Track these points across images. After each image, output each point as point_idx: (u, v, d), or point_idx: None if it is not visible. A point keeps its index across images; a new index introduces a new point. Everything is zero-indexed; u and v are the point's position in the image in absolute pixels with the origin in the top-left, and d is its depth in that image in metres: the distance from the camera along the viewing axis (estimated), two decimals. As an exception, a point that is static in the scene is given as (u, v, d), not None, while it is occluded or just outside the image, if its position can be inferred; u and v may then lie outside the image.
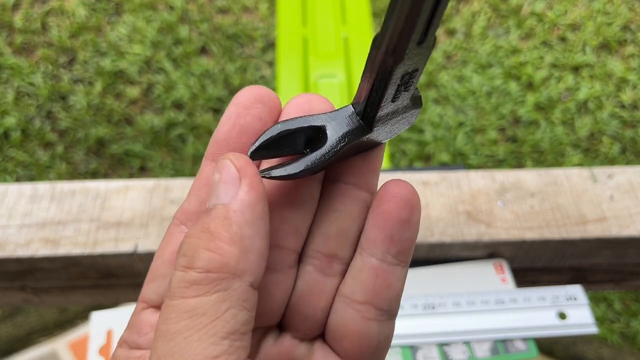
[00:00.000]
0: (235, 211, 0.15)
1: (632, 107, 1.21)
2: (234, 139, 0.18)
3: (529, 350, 0.37)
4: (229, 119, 0.18)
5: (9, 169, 1.11)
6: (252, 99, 0.18)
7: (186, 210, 0.18)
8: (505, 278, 0.41)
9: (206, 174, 0.18)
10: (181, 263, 0.15)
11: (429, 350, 0.37)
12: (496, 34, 1.32)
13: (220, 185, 0.16)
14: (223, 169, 0.16)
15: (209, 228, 0.15)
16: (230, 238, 0.15)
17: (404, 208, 0.18)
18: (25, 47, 1.28)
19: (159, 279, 0.18)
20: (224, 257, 0.15)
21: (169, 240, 0.18)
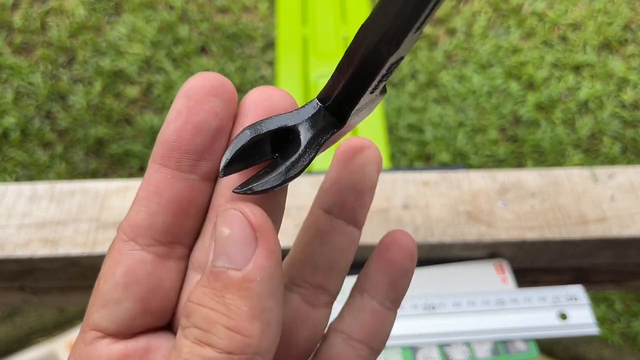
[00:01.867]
0: (254, 281, 0.14)
1: (633, 107, 1.21)
2: (187, 140, 0.15)
3: (529, 351, 0.37)
4: (179, 115, 0.15)
5: (8, 169, 1.11)
6: (204, 90, 0.16)
7: (135, 224, 0.16)
8: (505, 278, 0.40)
9: (155, 180, 0.16)
10: (194, 335, 0.14)
11: (429, 350, 0.37)
12: (497, 33, 1.32)
13: (231, 244, 0.14)
14: (234, 224, 0.14)
15: (225, 299, 0.13)
16: (250, 314, 0.13)
17: (409, 259, 0.19)
18: (24, 46, 1.28)
19: (112, 305, 0.16)
20: (246, 337, 0.13)
21: (118, 260, 0.16)
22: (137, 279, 0.16)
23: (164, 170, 0.16)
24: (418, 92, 1.22)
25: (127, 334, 0.16)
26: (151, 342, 0.16)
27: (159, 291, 0.16)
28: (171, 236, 0.16)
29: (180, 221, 0.16)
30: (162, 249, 0.16)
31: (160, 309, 0.16)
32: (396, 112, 1.18)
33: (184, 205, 0.16)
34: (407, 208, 0.40)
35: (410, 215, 0.39)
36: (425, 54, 1.28)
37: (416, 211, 0.39)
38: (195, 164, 0.16)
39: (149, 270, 0.16)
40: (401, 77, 1.24)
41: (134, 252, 0.16)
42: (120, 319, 0.16)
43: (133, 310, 0.16)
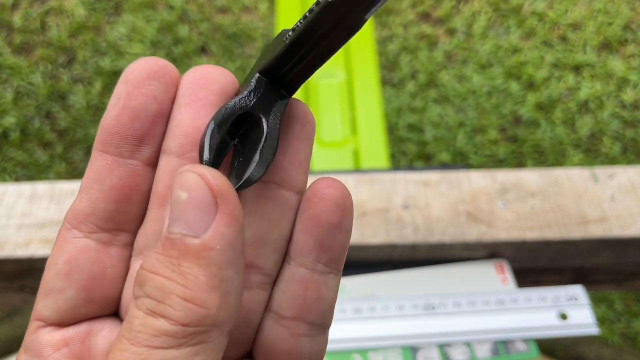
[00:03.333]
0: (214, 249, 0.13)
1: (633, 107, 1.21)
2: (125, 125, 0.15)
3: (529, 351, 0.37)
4: (118, 100, 0.15)
5: (8, 169, 1.11)
6: (143, 74, 0.15)
7: (77, 211, 0.16)
8: (506, 278, 0.40)
9: (97, 167, 0.16)
10: (146, 305, 0.13)
11: (429, 350, 0.37)
12: (497, 33, 1.32)
13: (188, 210, 0.13)
14: (192, 188, 0.13)
15: (181, 268, 0.13)
16: (208, 283, 0.13)
17: (335, 211, 0.15)
18: (24, 46, 1.28)
19: (54, 294, 0.16)
20: (203, 309, 0.13)
21: (60, 248, 0.16)
22: (80, 267, 0.16)
23: (105, 157, 0.16)
24: (418, 92, 1.22)
25: (70, 323, 0.16)
26: (93, 326, 0.16)
27: (102, 279, 0.16)
28: (114, 223, 0.16)
29: (123, 208, 0.16)
30: (105, 236, 0.16)
31: (104, 297, 0.16)
32: (396, 112, 1.18)
33: (127, 192, 0.16)
34: (407, 208, 0.40)
35: (410, 215, 0.39)
36: (425, 54, 1.28)
37: (416, 211, 0.39)
38: (135, 149, 0.16)
39: (92, 257, 0.16)
40: (401, 77, 1.24)
41: (77, 239, 0.16)
42: (63, 308, 0.16)
43: (76, 299, 0.16)
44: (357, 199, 0.40)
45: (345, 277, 0.40)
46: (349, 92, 0.65)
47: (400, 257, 0.40)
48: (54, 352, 0.15)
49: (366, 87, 0.65)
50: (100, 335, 0.16)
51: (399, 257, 0.40)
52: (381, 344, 0.37)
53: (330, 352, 0.37)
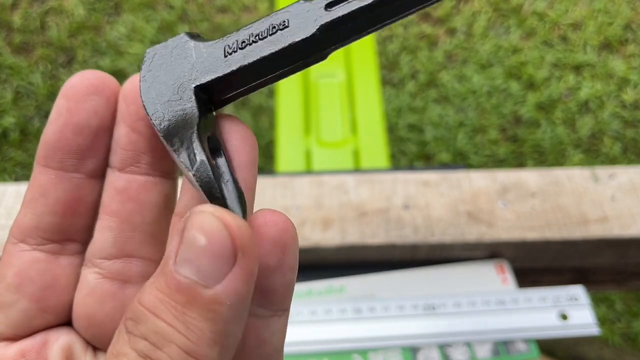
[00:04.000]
0: (224, 305, 0.12)
1: (634, 107, 1.21)
2: (68, 140, 0.15)
3: (530, 351, 0.37)
4: (59, 115, 0.15)
5: (7, 169, 1.11)
6: (84, 89, 0.15)
7: (22, 225, 0.16)
8: (506, 278, 0.40)
9: (40, 182, 0.16)
10: (141, 347, 0.12)
11: (429, 351, 0.37)
12: (497, 33, 1.32)
13: (205, 256, 0.12)
14: (213, 235, 0.12)
15: (186, 317, 0.12)
16: (212, 338, 0.12)
17: (273, 251, 0.14)
18: (24, 46, 1.28)
19: (6, 308, 0.15)
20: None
21: (8, 262, 0.16)
22: (30, 278, 0.16)
23: (48, 171, 0.16)
24: (418, 92, 1.22)
25: (24, 335, 0.16)
26: (48, 336, 0.16)
27: (55, 288, 0.16)
28: (61, 234, 0.16)
29: (69, 220, 0.16)
30: (54, 246, 0.16)
31: (58, 306, 0.16)
32: (396, 112, 1.18)
33: (72, 204, 0.16)
34: (407, 208, 0.40)
35: (410, 216, 0.39)
36: (426, 54, 1.27)
37: (416, 211, 0.39)
38: (79, 163, 0.16)
39: (42, 268, 0.16)
40: (401, 77, 1.24)
41: (24, 252, 0.16)
42: (16, 321, 0.16)
43: (29, 310, 0.16)
44: (357, 199, 0.40)
45: (345, 277, 0.40)
46: (349, 92, 0.64)
47: (400, 257, 0.40)
48: None
49: (366, 87, 0.65)
50: (55, 345, 0.16)
51: (399, 257, 0.40)
52: (381, 344, 0.37)
53: (330, 352, 0.37)
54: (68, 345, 0.16)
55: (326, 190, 0.40)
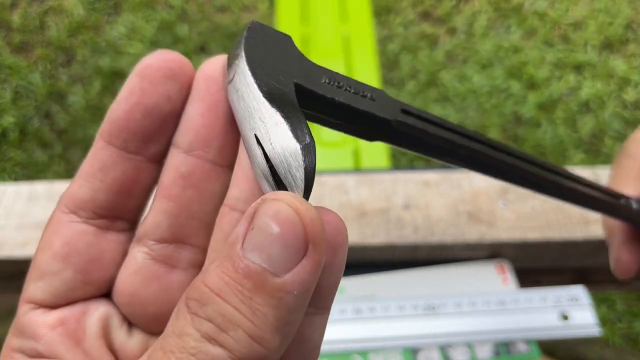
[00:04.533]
0: (291, 293, 0.12)
1: (634, 107, 1.21)
2: (136, 122, 0.15)
3: (530, 352, 0.37)
4: (131, 95, 0.15)
5: (7, 169, 1.11)
6: (160, 72, 0.15)
7: (77, 197, 0.16)
8: (506, 279, 0.40)
9: (101, 157, 0.16)
10: (206, 329, 0.12)
11: (430, 351, 0.37)
12: (497, 32, 1.32)
13: (276, 245, 0.12)
14: (287, 224, 0.12)
15: (252, 302, 0.12)
16: (276, 325, 0.12)
17: (329, 251, 0.14)
18: (23, 46, 1.28)
19: (50, 277, 0.16)
20: (264, 349, 0.12)
21: (57, 230, 0.16)
22: (78, 250, 0.16)
23: (110, 148, 0.16)
24: (418, 92, 1.22)
25: (64, 304, 0.16)
26: (88, 306, 0.16)
27: (100, 262, 0.16)
28: (113, 212, 0.16)
29: (123, 199, 0.16)
30: (103, 222, 0.16)
31: (100, 279, 0.16)
32: (396, 112, 1.18)
33: (128, 185, 0.16)
34: (408, 208, 0.39)
35: (410, 216, 0.39)
36: (426, 54, 1.27)
37: (416, 211, 0.39)
38: (142, 146, 0.16)
39: (90, 241, 0.16)
40: (401, 76, 1.24)
41: (74, 224, 0.16)
42: (58, 290, 0.16)
43: (73, 281, 0.16)
44: (357, 199, 0.40)
45: (345, 277, 0.40)
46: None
47: (400, 257, 0.40)
48: (50, 331, 0.15)
49: (366, 86, 0.65)
50: (95, 315, 0.16)
51: (399, 257, 0.40)
52: (381, 345, 0.37)
53: (331, 353, 0.36)
54: (106, 317, 0.16)
55: (326, 190, 0.40)
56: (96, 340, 0.16)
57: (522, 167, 0.19)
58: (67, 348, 0.15)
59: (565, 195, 0.21)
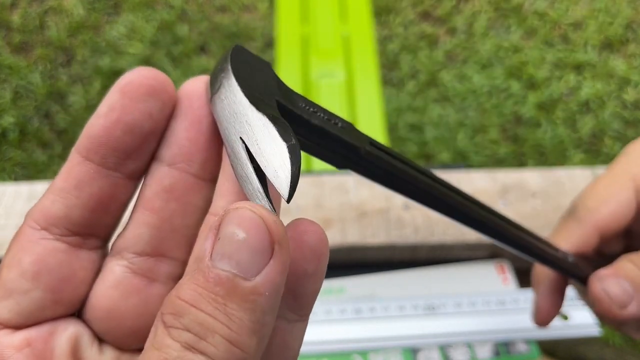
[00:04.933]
0: (262, 295, 0.12)
1: (634, 107, 1.21)
2: (117, 138, 0.15)
3: (530, 352, 0.37)
4: (111, 111, 0.15)
5: (7, 169, 1.11)
6: (141, 88, 0.15)
7: (49, 213, 0.15)
8: (506, 279, 0.40)
9: (77, 174, 0.15)
10: (185, 338, 0.12)
11: (430, 351, 0.37)
12: (497, 32, 1.32)
13: (244, 250, 0.12)
14: (252, 229, 0.13)
15: (227, 308, 0.12)
16: (251, 328, 0.12)
17: (312, 259, 0.15)
18: (23, 46, 1.28)
19: (18, 296, 0.15)
20: (243, 352, 0.12)
21: (26, 247, 0.15)
22: (49, 268, 0.15)
23: (88, 164, 0.15)
24: (418, 92, 1.22)
25: (31, 324, 0.15)
26: (56, 326, 0.16)
27: (71, 281, 0.16)
28: (87, 229, 0.16)
29: (98, 216, 0.16)
30: (76, 239, 0.16)
31: (71, 298, 0.16)
32: (396, 112, 1.18)
33: (105, 202, 0.16)
34: (408, 208, 0.39)
35: (410, 216, 0.39)
36: (426, 54, 1.27)
37: (417, 211, 0.39)
38: (121, 162, 0.16)
39: (62, 259, 0.16)
40: (401, 76, 1.24)
41: (46, 240, 0.15)
42: (26, 310, 0.15)
43: (43, 300, 0.15)
44: (357, 199, 0.40)
45: (345, 277, 0.40)
46: (349, 92, 0.64)
47: (400, 257, 0.40)
48: (16, 352, 0.15)
49: (366, 87, 0.65)
50: (64, 336, 0.16)
51: (399, 257, 0.40)
52: (381, 345, 0.37)
53: (331, 352, 0.36)
54: (75, 336, 0.16)
55: (326, 190, 0.40)
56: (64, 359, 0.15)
57: (470, 207, 0.21)
58: None
59: (509, 241, 0.23)
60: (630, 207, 0.26)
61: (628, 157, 0.28)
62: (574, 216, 0.27)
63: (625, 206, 0.26)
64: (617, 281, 0.24)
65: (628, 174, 0.27)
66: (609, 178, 0.27)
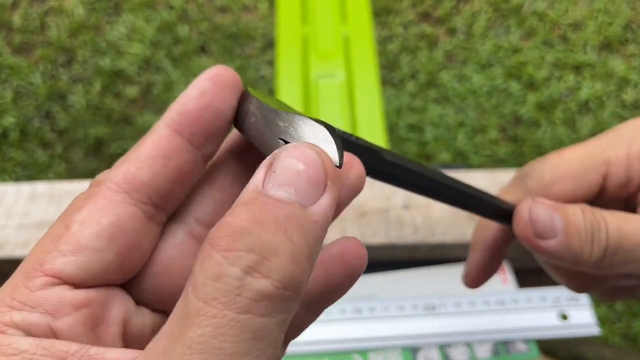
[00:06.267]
0: (317, 222, 0.13)
1: (634, 107, 1.21)
2: (207, 120, 0.16)
3: (530, 351, 0.37)
4: (203, 94, 0.16)
5: (7, 169, 1.11)
6: (229, 80, 0.17)
7: (134, 178, 0.16)
8: (506, 278, 0.40)
9: (166, 144, 0.16)
10: (246, 261, 0.12)
11: (429, 351, 0.37)
12: (497, 33, 1.32)
13: (302, 180, 0.13)
14: (309, 161, 0.13)
15: (287, 229, 0.13)
16: (306, 252, 0.13)
17: (352, 279, 0.16)
18: (24, 46, 1.28)
19: (89, 253, 0.14)
20: (301, 275, 0.13)
21: (106, 208, 0.15)
22: (125, 232, 0.15)
23: (178, 137, 0.16)
24: (418, 92, 1.22)
25: (91, 286, 0.15)
26: (110, 292, 0.16)
27: (137, 250, 0.16)
28: (163, 200, 0.16)
29: (175, 189, 0.16)
30: (151, 209, 0.16)
31: (132, 267, 0.16)
32: (396, 112, 1.18)
33: (184, 176, 0.17)
34: (408, 208, 0.40)
35: (410, 215, 0.39)
36: (426, 54, 1.27)
37: (416, 211, 0.39)
38: (203, 143, 0.17)
39: (137, 226, 0.16)
40: (401, 77, 1.24)
41: (127, 204, 0.15)
42: (94, 269, 0.15)
43: (111, 263, 0.15)
44: (357, 199, 0.40)
45: (345, 277, 0.40)
46: (349, 92, 0.64)
47: (400, 257, 0.40)
48: (74, 310, 0.14)
49: (366, 87, 0.65)
50: (116, 302, 0.16)
51: (399, 257, 0.40)
52: (381, 345, 0.37)
53: (331, 352, 0.37)
54: (126, 304, 0.16)
55: (326, 190, 0.40)
56: (115, 327, 0.15)
57: None
58: (85, 332, 0.14)
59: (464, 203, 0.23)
60: (591, 191, 0.24)
61: (608, 138, 0.25)
62: (523, 184, 0.25)
63: (586, 189, 0.24)
64: (549, 211, 0.22)
65: (603, 155, 0.24)
66: (579, 153, 0.25)
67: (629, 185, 0.24)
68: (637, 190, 0.24)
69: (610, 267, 0.22)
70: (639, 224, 0.22)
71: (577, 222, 0.22)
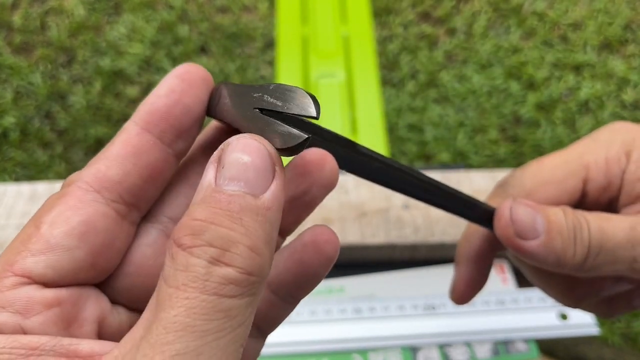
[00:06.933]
0: (271, 209, 0.14)
1: (634, 107, 1.21)
2: (176, 117, 0.16)
3: (529, 351, 0.37)
4: (171, 92, 0.16)
5: (7, 169, 1.11)
6: (198, 77, 0.17)
7: (105, 177, 0.16)
8: (506, 278, 0.40)
9: (137, 142, 0.16)
10: (210, 254, 0.13)
11: (429, 351, 0.37)
12: (497, 33, 1.32)
13: (250, 171, 0.14)
14: (254, 152, 0.14)
15: (243, 221, 0.13)
16: (265, 238, 0.14)
17: (326, 265, 0.17)
18: (24, 46, 1.28)
19: (59, 252, 0.15)
20: (262, 260, 0.14)
21: (76, 207, 0.15)
22: (96, 231, 0.15)
23: (147, 135, 0.16)
24: (418, 92, 1.22)
25: (62, 285, 0.15)
26: (83, 291, 0.16)
27: (111, 248, 0.16)
28: (135, 199, 0.16)
29: (147, 187, 0.17)
30: (123, 208, 0.16)
31: (105, 266, 0.16)
32: (396, 112, 1.18)
33: (155, 174, 0.17)
34: (408, 208, 0.40)
35: (410, 215, 0.39)
36: (426, 54, 1.27)
37: (416, 211, 0.39)
38: (174, 140, 0.17)
39: (109, 225, 0.16)
40: (401, 77, 1.24)
41: (97, 203, 0.15)
42: (65, 269, 0.15)
43: (82, 262, 0.15)
44: (357, 199, 0.40)
45: (345, 277, 0.40)
46: (349, 92, 0.64)
47: (400, 257, 0.40)
48: (45, 309, 0.14)
49: (366, 87, 0.65)
50: (90, 301, 0.16)
51: (399, 257, 0.40)
52: (381, 344, 0.37)
53: (331, 352, 0.37)
54: (100, 303, 0.16)
55: (326, 190, 0.40)
56: (89, 325, 0.15)
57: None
58: (57, 330, 0.14)
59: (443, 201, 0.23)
60: (573, 196, 0.24)
61: (586, 143, 0.25)
62: (505, 192, 0.25)
63: (567, 194, 0.24)
64: (531, 211, 0.22)
65: (582, 160, 0.24)
66: (558, 160, 0.25)
67: (609, 188, 0.24)
68: (618, 194, 0.24)
69: (593, 269, 0.22)
70: (620, 223, 0.22)
71: (559, 222, 0.22)
